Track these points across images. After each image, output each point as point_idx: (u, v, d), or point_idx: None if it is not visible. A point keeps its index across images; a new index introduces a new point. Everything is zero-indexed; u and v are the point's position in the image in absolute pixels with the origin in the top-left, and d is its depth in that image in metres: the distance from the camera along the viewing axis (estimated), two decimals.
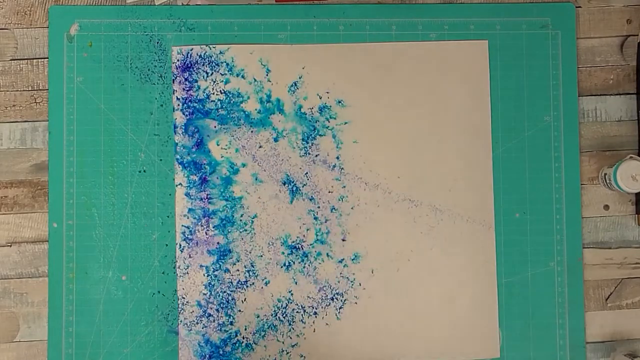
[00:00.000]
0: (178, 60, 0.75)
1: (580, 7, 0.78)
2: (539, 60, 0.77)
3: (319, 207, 0.75)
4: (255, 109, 0.75)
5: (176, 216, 0.74)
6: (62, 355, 0.73)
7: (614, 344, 0.76)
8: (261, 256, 0.74)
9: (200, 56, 0.75)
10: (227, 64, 0.75)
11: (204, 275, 0.74)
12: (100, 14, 0.75)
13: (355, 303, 0.75)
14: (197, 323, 0.73)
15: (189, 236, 0.74)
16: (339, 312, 0.74)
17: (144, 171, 0.74)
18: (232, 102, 0.75)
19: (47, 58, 0.75)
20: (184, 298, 0.73)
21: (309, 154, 0.75)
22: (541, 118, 0.77)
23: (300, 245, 0.75)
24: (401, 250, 0.75)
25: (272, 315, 0.74)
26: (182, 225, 0.74)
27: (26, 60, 0.75)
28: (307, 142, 0.75)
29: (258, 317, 0.74)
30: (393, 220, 0.75)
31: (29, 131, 0.75)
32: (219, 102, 0.75)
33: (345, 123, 0.76)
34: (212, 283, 0.74)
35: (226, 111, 0.75)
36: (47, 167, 0.74)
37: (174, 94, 0.75)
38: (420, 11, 0.77)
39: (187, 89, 0.75)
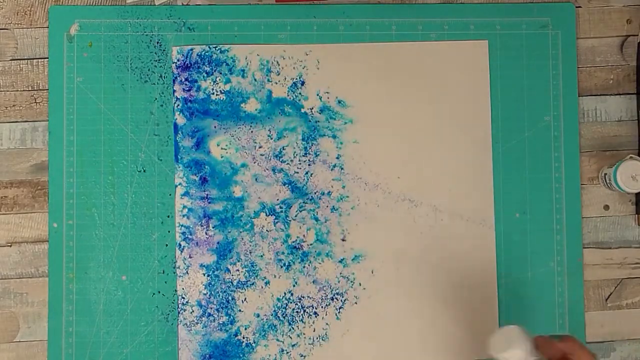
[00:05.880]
0: (178, 60, 0.75)
1: (580, 7, 0.78)
2: (539, 60, 0.77)
3: (319, 207, 0.75)
4: (256, 109, 0.75)
5: (176, 216, 0.74)
6: (62, 355, 0.73)
7: (613, 344, 0.76)
8: (261, 256, 0.74)
9: (200, 56, 0.75)
10: (227, 64, 0.75)
11: (204, 275, 0.74)
12: (100, 14, 0.75)
13: (355, 303, 0.75)
14: (197, 323, 0.73)
15: (188, 236, 0.74)
16: (339, 312, 0.74)
17: (144, 171, 0.74)
18: (232, 102, 0.75)
19: (47, 58, 0.75)
20: (184, 298, 0.73)
21: (309, 153, 0.75)
22: (541, 118, 0.77)
23: (300, 245, 0.75)
24: (401, 250, 0.75)
25: (272, 315, 0.74)
26: (182, 225, 0.74)
27: (26, 60, 0.75)
28: (307, 142, 0.75)
29: (258, 317, 0.74)
30: (393, 220, 0.75)
31: (29, 131, 0.75)
32: (219, 102, 0.75)
33: (346, 123, 0.76)
34: (212, 283, 0.74)
35: (226, 111, 0.75)
36: (47, 167, 0.74)
37: (174, 94, 0.75)
38: (420, 11, 0.77)
39: (187, 89, 0.75)
